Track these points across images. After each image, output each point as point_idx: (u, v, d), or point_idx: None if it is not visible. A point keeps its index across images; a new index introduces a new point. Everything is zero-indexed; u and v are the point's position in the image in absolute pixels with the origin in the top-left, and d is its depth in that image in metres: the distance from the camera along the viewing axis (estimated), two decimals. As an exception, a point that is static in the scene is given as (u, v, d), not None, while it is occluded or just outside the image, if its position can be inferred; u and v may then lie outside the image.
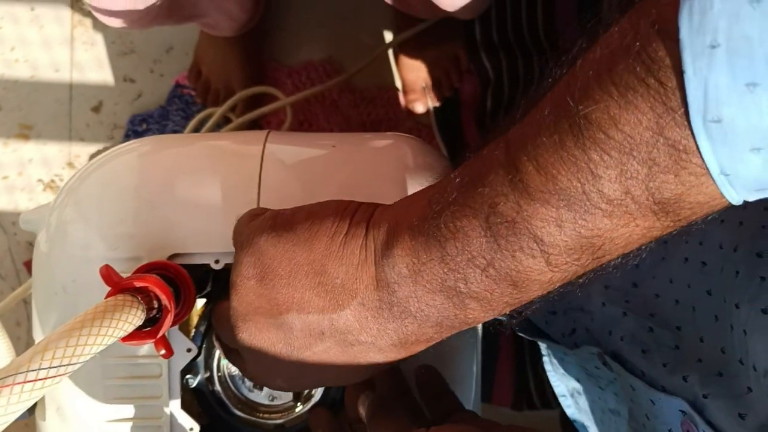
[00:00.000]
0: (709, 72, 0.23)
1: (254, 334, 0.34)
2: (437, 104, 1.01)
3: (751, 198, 0.26)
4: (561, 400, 0.59)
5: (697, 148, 0.24)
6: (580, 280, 0.31)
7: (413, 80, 1.00)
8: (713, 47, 0.23)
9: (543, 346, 0.57)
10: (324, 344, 0.33)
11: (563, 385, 0.58)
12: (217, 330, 0.41)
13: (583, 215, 0.27)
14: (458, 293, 0.30)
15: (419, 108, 1.01)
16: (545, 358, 0.57)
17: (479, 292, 0.30)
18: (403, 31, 0.97)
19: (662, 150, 0.25)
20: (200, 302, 0.47)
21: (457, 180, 0.30)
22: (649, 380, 0.43)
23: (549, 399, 0.99)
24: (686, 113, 0.24)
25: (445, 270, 0.30)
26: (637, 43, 0.25)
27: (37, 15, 1.07)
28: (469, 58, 1.00)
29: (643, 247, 0.29)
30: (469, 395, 0.50)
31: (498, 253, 0.29)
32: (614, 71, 0.25)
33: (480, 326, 0.56)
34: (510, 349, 1.00)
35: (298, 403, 0.47)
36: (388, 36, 1.04)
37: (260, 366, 0.36)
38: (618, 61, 0.25)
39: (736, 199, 0.26)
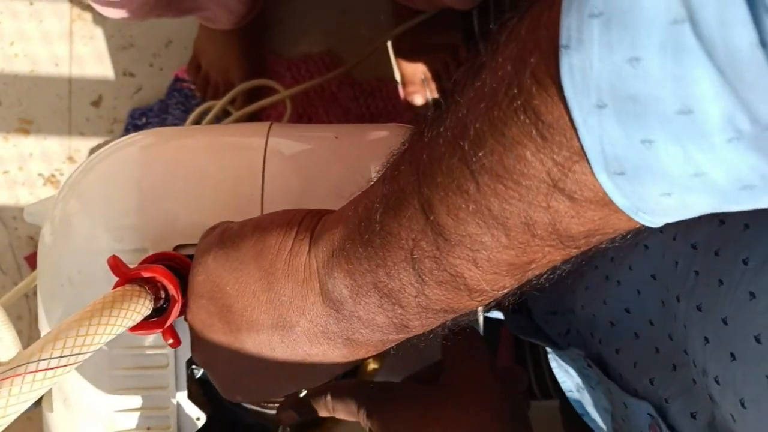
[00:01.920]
0: (602, 130, 0.22)
1: (209, 351, 0.36)
2: (436, 96, 1.01)
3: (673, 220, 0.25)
4: (569, 395, 0.60)
5: (606, 194, 0.23)
6: (518, 292, 0.31)
7: (412, 72, 1.00)
8: (600, 107, 0.22)
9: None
10: (278, 359, 0.34)
11: (569, 381, 0.58)
12: None
13: (496, 254, 0.27)
14: (396, 315, 0.31)
15: (418, 100, 1.01)
16: (550, 355, 0.58)
17: (416, 314, 0.31)
18: (401, 23, 0.97)
19: (561, 200, 0.24)
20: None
21: (378, 201, 0.30)
22: (624, 384, 0.44)
23: (548, 389, 1.00)
24: (586, 164, 0.23)
25: (380, 296, 0.31)
26: (521, 99, 0.24)
27: (36, 9, 1.07)
28: (467, 49, 1.00)
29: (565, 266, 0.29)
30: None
31: (425, 284, 0.29)
32: (503, 124, 0.24)
33: (481, 318, 0.57)
34: (509, 339, 1.00)
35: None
36: (387, 28, 1.04)
37: (222, 381, 0.37)
38: (505, 114, 0.24)
39: (657, 224, 0.25)
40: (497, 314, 0.62)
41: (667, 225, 0.25)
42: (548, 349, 0.58)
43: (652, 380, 0.40)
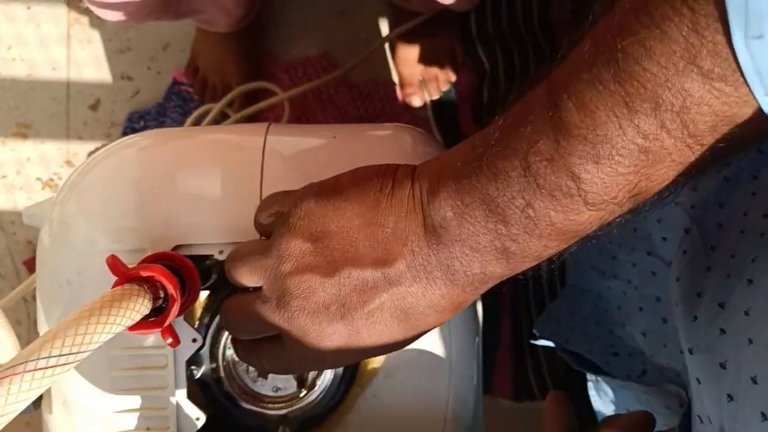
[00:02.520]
0: None
1: (307, 298, 0.34)
2: (434, 98, 1.01)
3: None
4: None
5: (739, 67, 0.24)
6: (617, 221, 0.31)
7: (410, 74, 1.00)
8: None
9: (591, 377, 0.56)
10: (377, 300, 0.34)
11: (610, 411, 0.57)
12: (232, 327, 0.40)
13: (620, 151, 0.27)
14: (499, 236, 0.31)
15: (416, 102, 1.02)
16: (590, 384, 0.57)
17: (518, 234, 0.30)
18: (398, 25, 0.97)
19: (696, 80, 0.25)
20: (204, 294, 0.47)
21: (500, 122, 0.31)
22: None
23: (548, 389, 1.00)
24: (725, 36, 0.24)
25: (487, 212, 0.30)
26: None
27: (33, 13, 1.07)
28: (465, 51, 1.00)
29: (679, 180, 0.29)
30: (470, 387, 0.50)
31: (537, 192, 0.29)
32: (650, 3, 0.25)
33: (480, 317, 0.57)
34: (509, 340, 1.00)
35: (302, 393, 0.47)
36: (384, 30, 1.04)
37: (307, 339, 0.35)
38: None
39: None
40: (548, 343, 0.61)
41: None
42: (590, 379, 0.56)
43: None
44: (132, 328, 0.34)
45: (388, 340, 0.36)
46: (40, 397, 0.47)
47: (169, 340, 0.36)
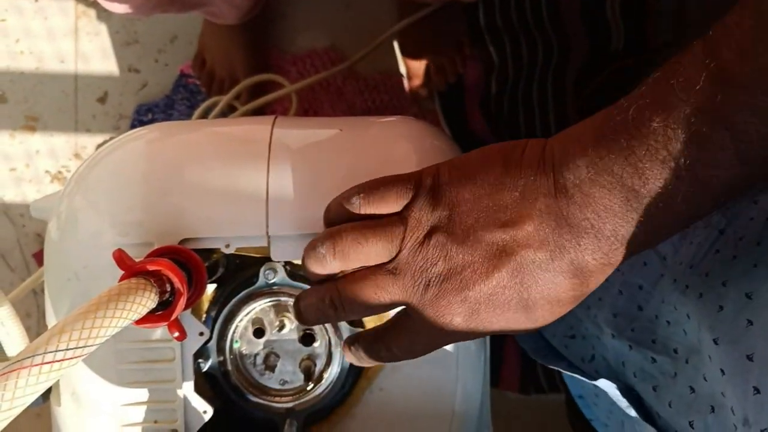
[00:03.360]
0: None
1: (442, 264, 0.35)
2: (442, 90, 1.01)
3: None
4: (578, 401, 0.59)
5: None
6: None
7: (417, 66, 1.00)
8: None
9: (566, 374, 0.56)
10: (504, 269, 0.34)
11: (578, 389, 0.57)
12: (351, 308, 0.39)
13: None
14: (636, 195, 0.30)
15: (424, 94, 1.01)
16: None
17: (655, 191, 0.29)
18: (406, 17, 0.97)
19: None
20: (211, 288, 0.47)
21: (649, 79, 0.30)
22: (663, 424, 0.42)
23: (556, 382, 1.00)
24: None
25: (625, 165, 0.30)
26: None
27: (41, 6, 1.07)
28: (472, 43, 1.00)
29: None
30: (478, 380, 0.50)
31: (685, 144, 0.28)
32: None
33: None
34: (515, 355, 1.00)
35: (309, 386, 0.48)
36: (392, 22, 1.03)
37: (439, 307, 0.35)
38: None
39: None
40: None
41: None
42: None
43: (692, 423, 0.39)
44: (139, 321, 0.34)
45: (508, 319, 0.35)
46: (49, 390, 0.48)
47: (176, 334, 0.36)
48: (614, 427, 0.55)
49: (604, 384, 0.44)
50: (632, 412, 0.43)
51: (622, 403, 0.44)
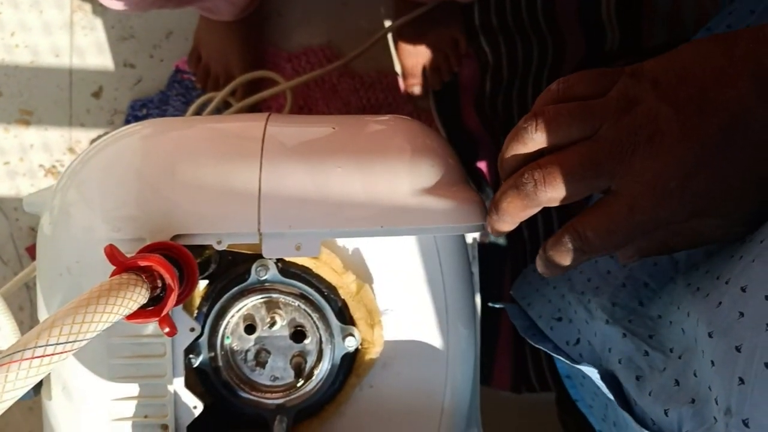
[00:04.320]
0: None
1: (649, 125, 0.35)
2: (436, 89, 1.01)
3: None
4: (565, 380, 0.60)
5: None
6: None
7: (412, 65, 1.00)
8: None
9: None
10: (717, 129, 0.34)
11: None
12: (556, 186, 0.37)
13: None
14: None
15: (418, 92, 1.01)
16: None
17: None
18: (402, 15, 0.97)
19: None
20: (202, 284, 0.48)
21: None
22: (639, 411, 0.43)
23: (547, 381, 1.00)
24: None
25: None
26: None
27: (36, 0, 1.06)
28: (468, 42, 1.00)
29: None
30: (468, 378, 0.51)
31: None
32: None
33: (479, 309, 0.57)
34: (509, 332, 1.01)
35: (299, 383, 0.48)
36: (387, 21, 1.04)
37: (650, 172, 0.35)
38: None
39: None
40: (500, 305, 0.62)
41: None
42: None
43: (666, 411, 0.39)
44: (130, 317, 0.34)
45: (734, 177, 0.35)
46: (41, 383, 0.48)
47: (167, 330, 0.37)
48: (598, 408, 0.55)
49: (587, 369, 0.45)
50: (611, 396, 0.44)
51: (603, 388, 0.44)
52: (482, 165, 0.98)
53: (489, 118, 0.99)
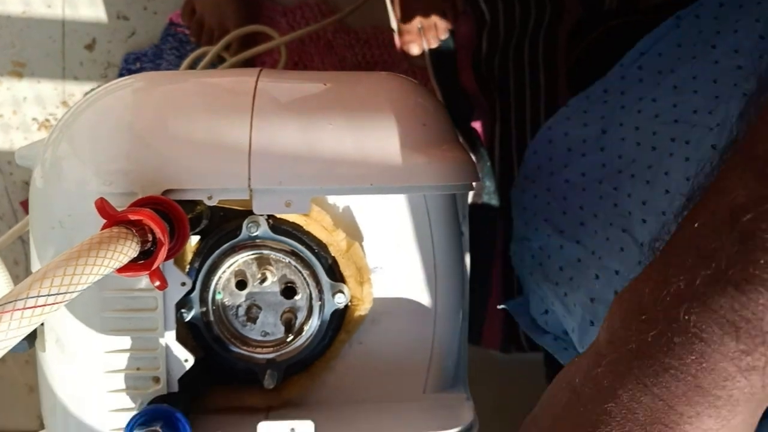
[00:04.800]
0: None
1: None
2: (433, 46, 1.00)
3: None
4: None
5: None
6: None
7: (409, 21, 0.99)
8: None
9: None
10: None
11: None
12: None
13: None
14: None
15: (414, 50, 1.00)
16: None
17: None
18: (399, -30, 0.95)
19: None
20: (194, 239, 0.48)
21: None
22: None
23: (536, 342, 1.02)
24: None
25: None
26: None
27: (27, -51, 1.05)
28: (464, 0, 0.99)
29: None
30: (455, 336, 0.51)
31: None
32: None
33: (468, 268, 0.57)
34: (500, 291, 1.02)
35: (289, 338, 0.48)
36: (385, -24, 1.02)
37: None
38: None
39: None
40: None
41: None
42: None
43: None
44: (120, 270, 0.35)
45: None
46: (35, 336, 0.48)
47: (157, 283, 0.37)
48: None
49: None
50: None
51: None
52: (477, 125, 0.98)
53: (485, 77, 0.98)
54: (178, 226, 0.40)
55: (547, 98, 0.95)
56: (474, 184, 0.45)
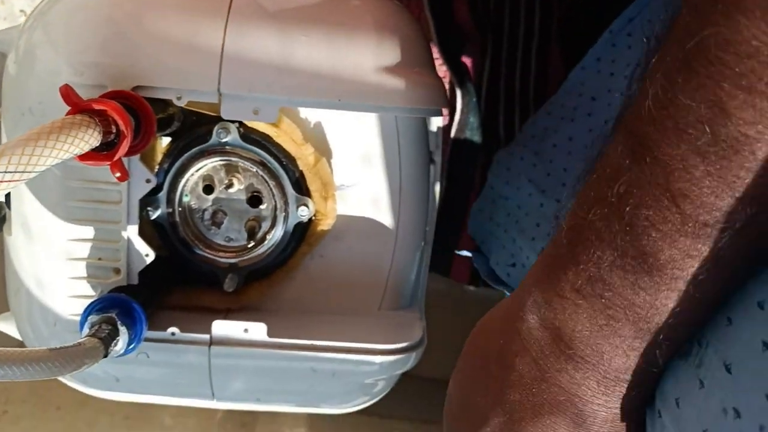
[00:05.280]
0: None
1: None
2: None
3: None
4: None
5: None
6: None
7: (410, -53, 0.97)
8: None
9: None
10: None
11: None
12: None
13: None
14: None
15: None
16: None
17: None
18: None
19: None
20: (166, 140, 0.48)
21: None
22: None
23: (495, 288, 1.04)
24: None
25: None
26: None
27: None
28: None
29: None
30: (413, 261, 0.53)
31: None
32: None
33: (437, 198, 0.58)
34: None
35: (251, 244, 0.50)
36: None
37: None
38: None
39: None
40: (466, 253, 0.63)
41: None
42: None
43: None
44: (82, 158, 0.35)
45: None
46: (4, 220, 0.49)
47: (118, 174, 0.38)
48: None
49: None
50: None
51: None
52: (467, 61, 0.97)
53: (480, 14, 0.97)
54: (145, 123, 0.40)
55: (540, 43, 0.94)
56: (454, 117, 0.45)
